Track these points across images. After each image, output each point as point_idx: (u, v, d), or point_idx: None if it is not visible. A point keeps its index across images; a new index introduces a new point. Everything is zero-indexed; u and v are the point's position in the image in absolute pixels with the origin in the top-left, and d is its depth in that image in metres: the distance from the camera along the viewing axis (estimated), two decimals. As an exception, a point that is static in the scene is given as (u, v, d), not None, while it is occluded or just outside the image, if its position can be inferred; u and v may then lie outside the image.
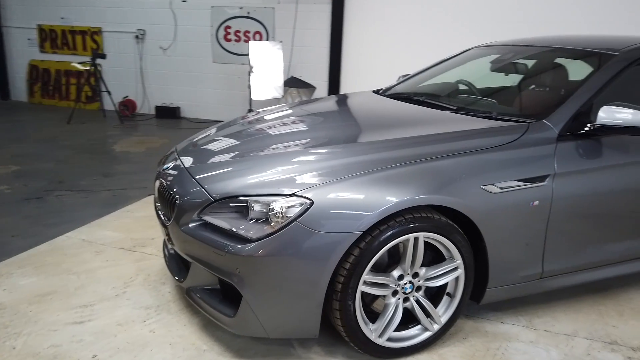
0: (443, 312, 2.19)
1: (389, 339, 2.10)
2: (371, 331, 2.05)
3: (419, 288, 2.13)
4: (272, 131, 2.68)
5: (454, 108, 2.70)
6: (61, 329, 2.31)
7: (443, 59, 3.68)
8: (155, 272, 2.88)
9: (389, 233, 1.94)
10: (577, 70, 2.79)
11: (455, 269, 2.13)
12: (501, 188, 2.11)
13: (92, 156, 5.46)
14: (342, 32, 6.74)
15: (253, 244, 1.89)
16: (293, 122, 2.80)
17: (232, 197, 2.03)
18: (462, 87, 3.30)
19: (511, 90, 3.03)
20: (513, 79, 3.16)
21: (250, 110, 6.73)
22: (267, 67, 6.21)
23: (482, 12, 6.21)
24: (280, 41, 6.45)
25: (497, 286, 2.26)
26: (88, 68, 7.75)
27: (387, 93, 3.35)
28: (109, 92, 7.36)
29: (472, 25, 6.21)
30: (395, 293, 2.09)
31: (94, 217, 3.66)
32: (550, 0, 5.94)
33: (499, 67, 3.25)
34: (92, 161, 5.24)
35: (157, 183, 2.48)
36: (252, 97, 6.22)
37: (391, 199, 1.92)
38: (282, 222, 1.89)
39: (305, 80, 6.82)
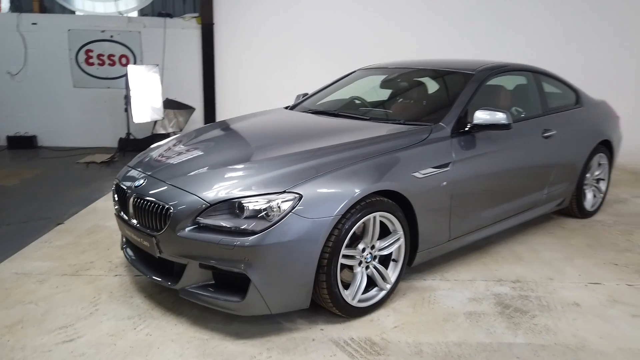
0: (392, 274, 2.82)
1: (359, 301, 2.66)
2: (347, 296, 2.58)
3: (375, 257, 2.72)
4: (229, 144, 3.06)
5: (368, 118, 3.39)
6: (55, 349, 2.37)
7: (335, 79, 4.38)
8: (116, 289, 2.99)
9: (358, 215, 2.50)
10: (448, 84, 3.72)
11: (399, 239, 2.78)
12: (423, 174, 2.83)
13: (-39, 193, 4.95)
14: (213, 55, 7.10)
15: (257, 236, 2.29)
16: (242, 135, 3.20)
17: (227, 201, 2.39)
18: (357, 101, 4.02)
19: (403, 102, 3.84)
20: (397, 93, 3.98)
21: (128, 134, 6.69)
22: (144, 90, 6.27)
23: (345, 38, 7.17)
24: (157, 64, 6.55)
25: (423, 250, 2.97)
26: None
27: (300, 109, 3.92)
28: (-48, 124, 6.57)
29: (337, 50, 7.14)
30: (360, 263, 2.66)
31: (9, 252, 3.49)
32: (407, 31, 7.16)
33: (387, 84, 4.05)
34: (-34, 198, 4.78)
35: (132, 200, 2.67)
36: (133, 120, 6.20)
37: (357, 188, 2.49)
38: (279, 215, 2.33)
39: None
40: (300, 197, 2.37)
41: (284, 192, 2.38)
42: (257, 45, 7.18)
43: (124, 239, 3.08)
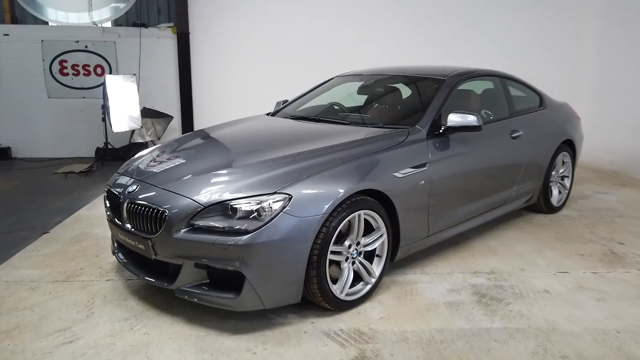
0: (376, 269, 2.98)
1: (347, 295, 2.81)
2: (336, 290, 2.73)
3: (360, 253, 2.89)
4: (217, 150, 3.18)
5: (348, 122, 3.57)
6: (56, 351, 2.44)
7: (313, 86, 4.54)
8: (109, 292, 3.06)
9: (343, 213, 2.66)
10: (422, 90, 3.92)
11: (382, 235, 2.95)
12: (402, 174, 3.01)
13: (-62, 206, 4.90)
14: (189, 63, 7.18)
15: (251, 235, 2.42)
16: (229, 141, 3.33)
17: (220, 203, 2.52)
18: (336, 107, 4.19)
19: (381, 106, 4.03)
20: (374, 99, 4.17)
21: (106, 143, 6.70)
22: (122, 99, 6.31)
23: (319, 46, 7.36)
24: (134, 74, 6.59)
25: (404, 246, 3.15)
26: None
27: (282, 115, 4.07)
28: None
29: (312, 58, 7.33)
30: (346, 259, 2.81)
31: (-3, 261, 3.53)
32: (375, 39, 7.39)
33: (364, 90, 4.24)
34: (-56, 211, 4.74)
35: (125, 205, 2.76)
36: (113, 130, 6.23)
37: (342, 188, 2.65)
38: (271, 214, 2.47)
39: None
40: (290, 197, 2.52)
41: (275, 193, 2.53)
42: (233, 54, 7.30)
43: (115, 244, 3.16)
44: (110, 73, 7.14)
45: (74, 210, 4.77)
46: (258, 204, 2.49)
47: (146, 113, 6.85)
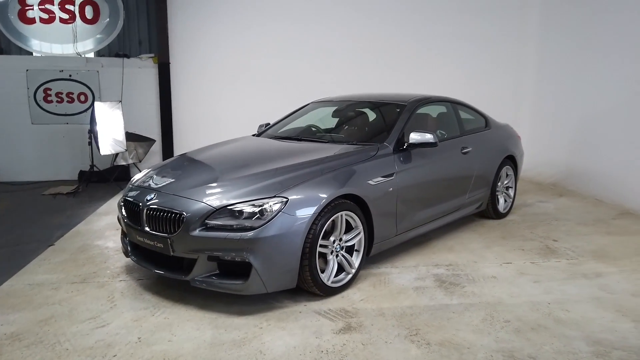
0: (355, 261, 3.57)
1: (332, 282, 3.39)
2: (324, 278, 3.31)
3: (342, 248, 3.48)
4: (217, 164, 3.75)
5: (326, 141, 4.20)
6: (91, 333, 2.90)
7: (291, 111, 5.17)
8: (125, 289, 3.52)
9: (329, 213, 3.26)
10: (387, 113, 4.61)
11: (359, 233, 3.56)
12: (375, 182, 3.65)
13: (-61, 225, 5.17)
14: (170, 91, 7.69)
15: (255, 230, 2.98)
16: (226, 157, 3.90)
17: (229, 205, 3.07)
18: (313, 128, 4.83)
19: (353, 127, 4.68)
20: (347, 121, 4.83)
21: (92, 166, 7.08)
22: (108, 124, 6.74)
23: (290, 74, 8.04)
24: (120, 101, 7.04)
25: (377, 242, 3.76)
26: None
27: (266, 136, 4.67)
28: None
29: (285, 84, 7.98)
30: (332, 252, 3.40)
31: (13, 270, 3.89)
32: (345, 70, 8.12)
33: (338, 114, 4.90)
34: (-54, 229, 5.02)
35: (145, 211, 3.27)
36: (100, 153, 6.63)
37: (326, 193, 3.25)
38: (272, 214, 3.04)
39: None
40: (287, 200, 3.10)
41: (274, 196, 3.11)
42: (211, 81, 7.87)
43: (129, 247, 3.63)
44: (94, 100, 7.55)
45: (72, 226, 5.15)
46: (261, 205, 3.06)
47: (129, 137, 7.27)
